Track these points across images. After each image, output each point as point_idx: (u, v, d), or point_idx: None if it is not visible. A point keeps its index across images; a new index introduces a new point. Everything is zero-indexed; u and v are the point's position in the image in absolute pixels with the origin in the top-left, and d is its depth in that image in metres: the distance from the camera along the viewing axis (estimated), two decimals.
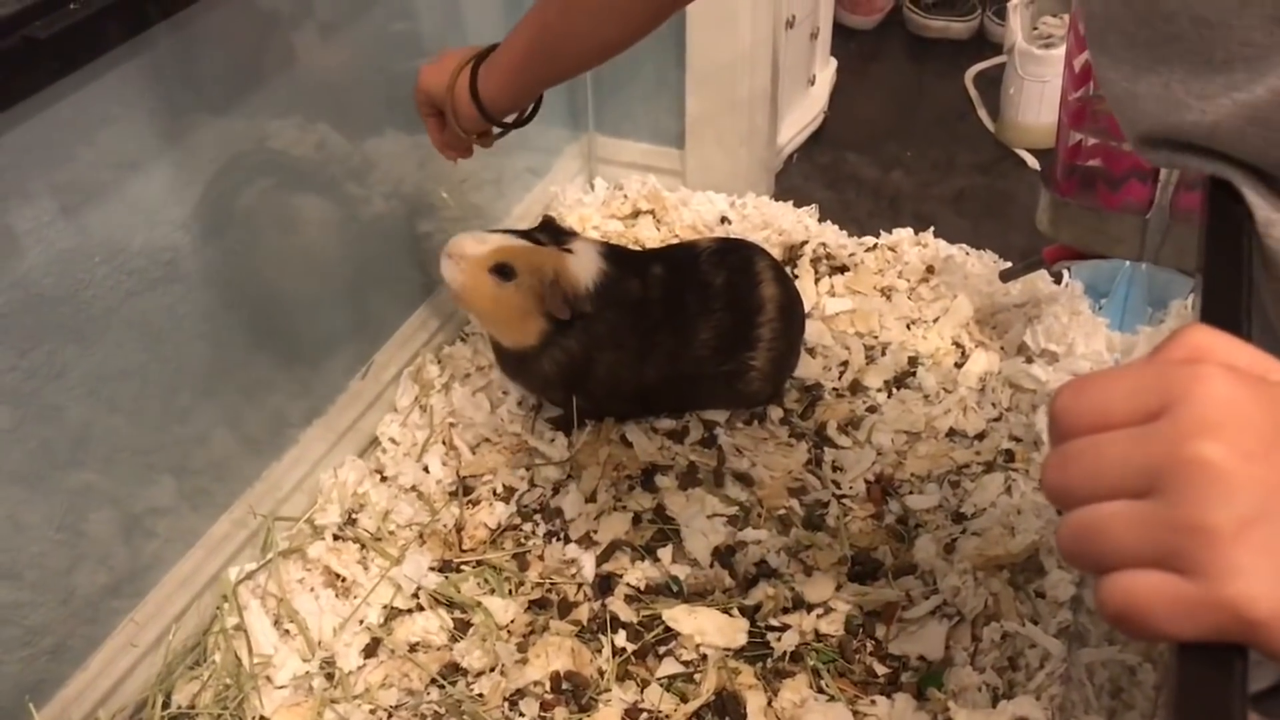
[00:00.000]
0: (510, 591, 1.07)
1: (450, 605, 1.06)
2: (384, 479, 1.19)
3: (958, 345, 1.32)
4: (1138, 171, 1.12)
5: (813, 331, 1.33)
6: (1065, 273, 1.35)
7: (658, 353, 1.17)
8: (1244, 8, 0.52)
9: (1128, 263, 1.28)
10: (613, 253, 1.17)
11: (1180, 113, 0.57)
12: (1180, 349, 0.42)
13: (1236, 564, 0.37)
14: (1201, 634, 0.38)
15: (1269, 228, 0.60)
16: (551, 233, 1.15)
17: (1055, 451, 0.42)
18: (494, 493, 1.16)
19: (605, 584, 1.07)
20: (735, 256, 1.21)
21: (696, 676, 1.00)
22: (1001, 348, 1.31)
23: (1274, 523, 0.38)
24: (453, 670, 1.01)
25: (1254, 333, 0.66)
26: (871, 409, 1.25)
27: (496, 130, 1.08)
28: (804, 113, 1.72)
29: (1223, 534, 0.38)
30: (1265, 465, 0.38)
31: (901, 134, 1.76)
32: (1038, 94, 1.67)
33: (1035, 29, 1.74)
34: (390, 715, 0.98)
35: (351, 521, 1.14)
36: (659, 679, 0.99)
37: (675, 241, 1.47)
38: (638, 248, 1.35)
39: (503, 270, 1.10)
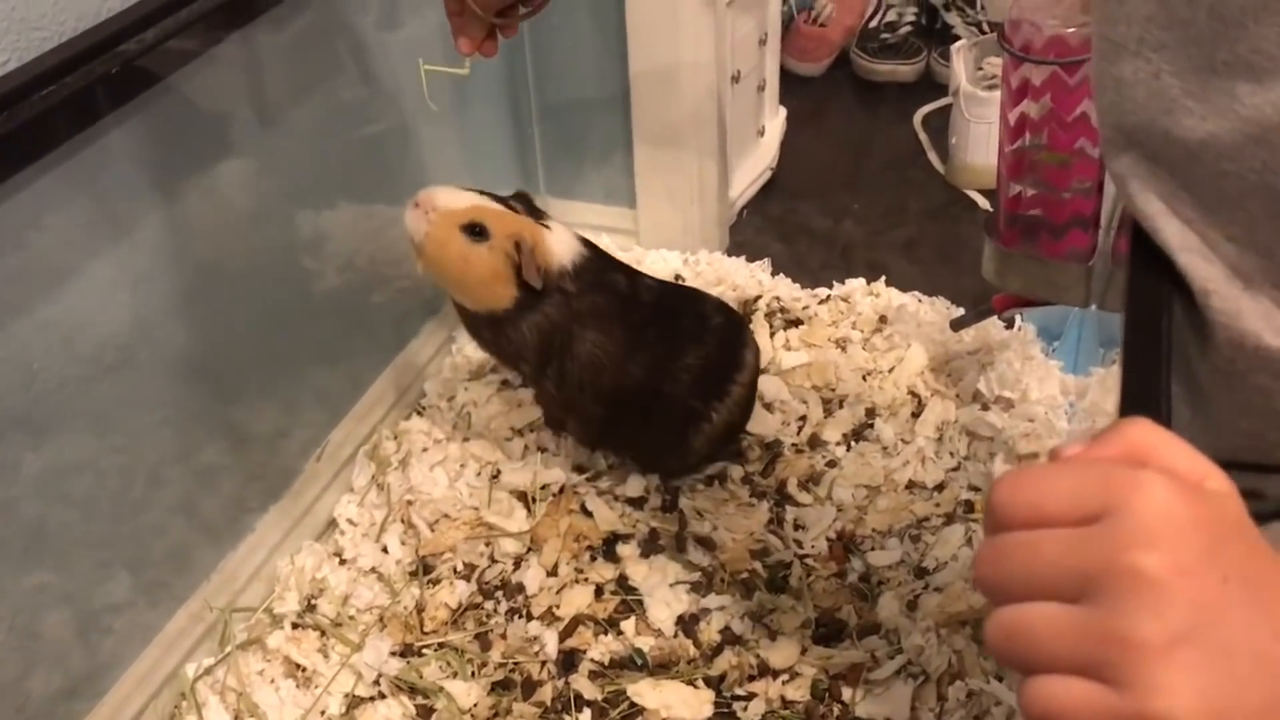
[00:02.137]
0: (473, 674, 1.06)
1: (412, 691, 1.05)
2: (342, 562, 1.18)
3: (914, 395, 1.32)
4: (1079, 220, 1.13)
5: (770, 386, 1.33)
6: (1017, 316, 1.36)
7: (645, 354, 1.15)
8: (1265, 12, 0.50)
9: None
10: (592, 245, 1.15)
11: (1175, 114, 0.55)
12: (1121, 446, 0.42)
13: (1163, 681, 0.37)
14: None
15: (1207, 297, 0.59)
16: (527, 204, 1.13)
17: (989, 543, 0.42)
18: (454, 570, 1.15)
19: (569, 661, 1.06)
20: (732, 314, 1.23)
21: None
22: (957, 395, 1.32)
23: (1203, 641, 0.38)
24: None
25: (1186, 405, 0.66)
26: (831, 463, 1.25)
27: (523, 9, 0.99)
28: (755, 164, 1.73)
29: (1152, 649, 0.37)
30: (1198, 581, 0.38)
31: (852, 181, 1.77)
32: (984, 135, 1.68)
33: (980, 70, 1.76)
34: None
35: (311, 608, 1.13)
36: None
37: None
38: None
39: (475, 229, 1.06)
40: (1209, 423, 0.65)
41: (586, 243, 1.15)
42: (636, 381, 1.15)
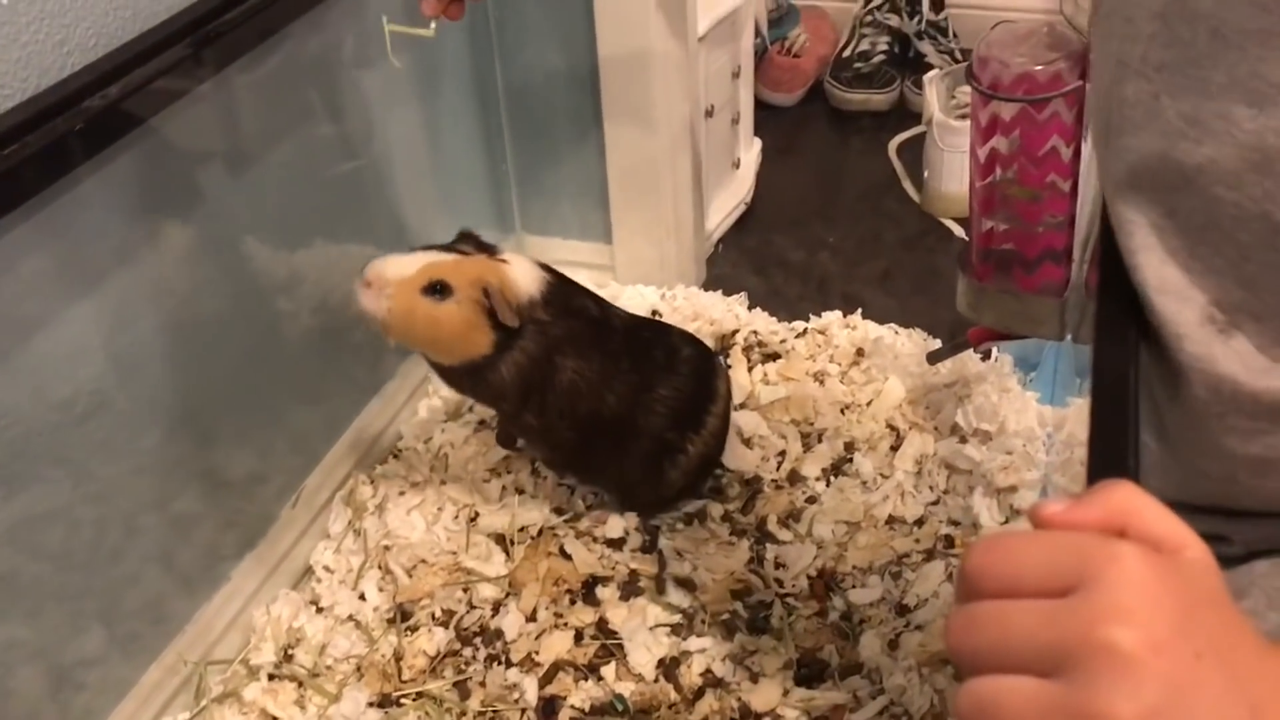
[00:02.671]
0: None
1: None
2: (319, 610, 1.17)
3: (892, 428, 1.32)
4: (1051, 254, 1.13)
5: (749, 422, 1.33)
6: (993, 349, 1.36)
7: (620, 382, 1.13)
8: (1267, 36, 0.50)
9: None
10: (554, 271, 1.14)
11: (1171, 137, 0.55)
12: (1102, 510, 0.42)
13: None
14: None
15: (1180, 341, 0.59)
16: (475, 242, 1.11)
17: (962, 611, 0.42)
18: (433, 617, 1.14)
19: (549, 708, 1.05)
20: (701, 345, 1.23)
21: None
22: (935, 428, 1.31)
23: (1176, 718, 0.37)
24: None
25: (1153, 450, 0.66)
26: (811, 499, 1.25)
27: None
28: (730, 197, 1.73)
29: None
30: (1172, 657, 0.38)
31: (828, 212, 1.77)
32: (958, 164, 1.69)
33: (953, 99, 1.77)
34: None
35: (287, 658, 1.12)
36: None
37: None
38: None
39: (436, 288, 1.05)
40: (1177, 467, 0.65)
41: (548, 269, 1.13)
42: (612, 411, 1.14)
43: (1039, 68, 1.03)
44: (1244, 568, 0.63)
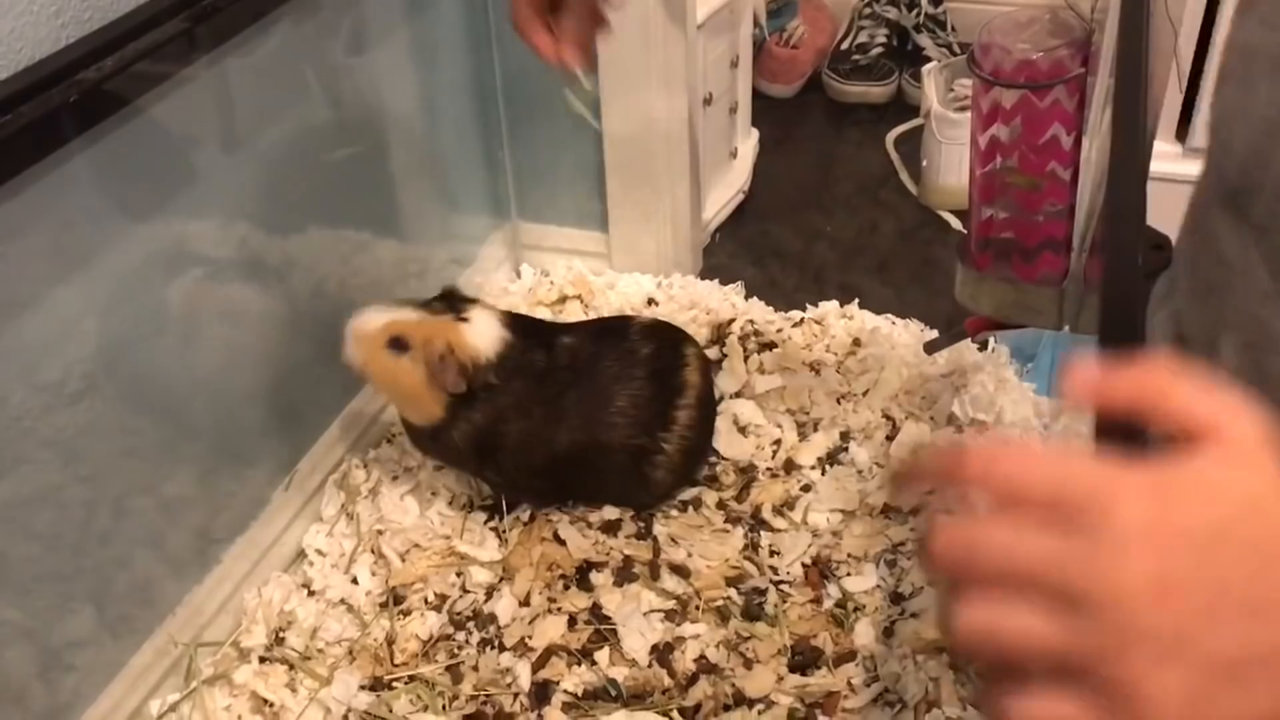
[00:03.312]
0: (444, 707, 1.04)
1: None
2: (311, 593, 1.16)
3: (888, 418, 1.32)
4: (1051, 243, 1.13)
5: (745, 411, 1.33)
6: (990, 339, 1.36)
7: (569, 418, 1.15)
8: None
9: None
10: (516, 322, 1.14)
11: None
12: (1131, 386, 0.41)
13: (1150, 694, 0.37)
14: None
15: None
16: (450, 301, 1.13)
17: (963, 527, 0.41)
18: (425, 601, 1.14)
19: (542, 692, 1.05)
20: (666, 335, 1.22)
21: None
22: (931, 418, 1.31)
23: (1192, 658, 0.37)
24: None
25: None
26: (806, 488, 1.25)
27: None
28: (727, 187, 1.72)
29: (1139, 669, 0.37)
30: (1186, 598, 0.37)
31: (825, 202, 1.77)
32: (956, 156, 1.69)
33: (951, 91, 1.77)
34: None
35: (279, 641, 1.11)
36: None
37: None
38: (549, 318, 1.32)
39: (397, 344, 1.09)
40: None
41: (511, 321, 1.14)
42: (566, 446, 1.15)
43: (1041, 55, 1.03)
44: None
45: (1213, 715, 0.37)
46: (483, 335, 1.10)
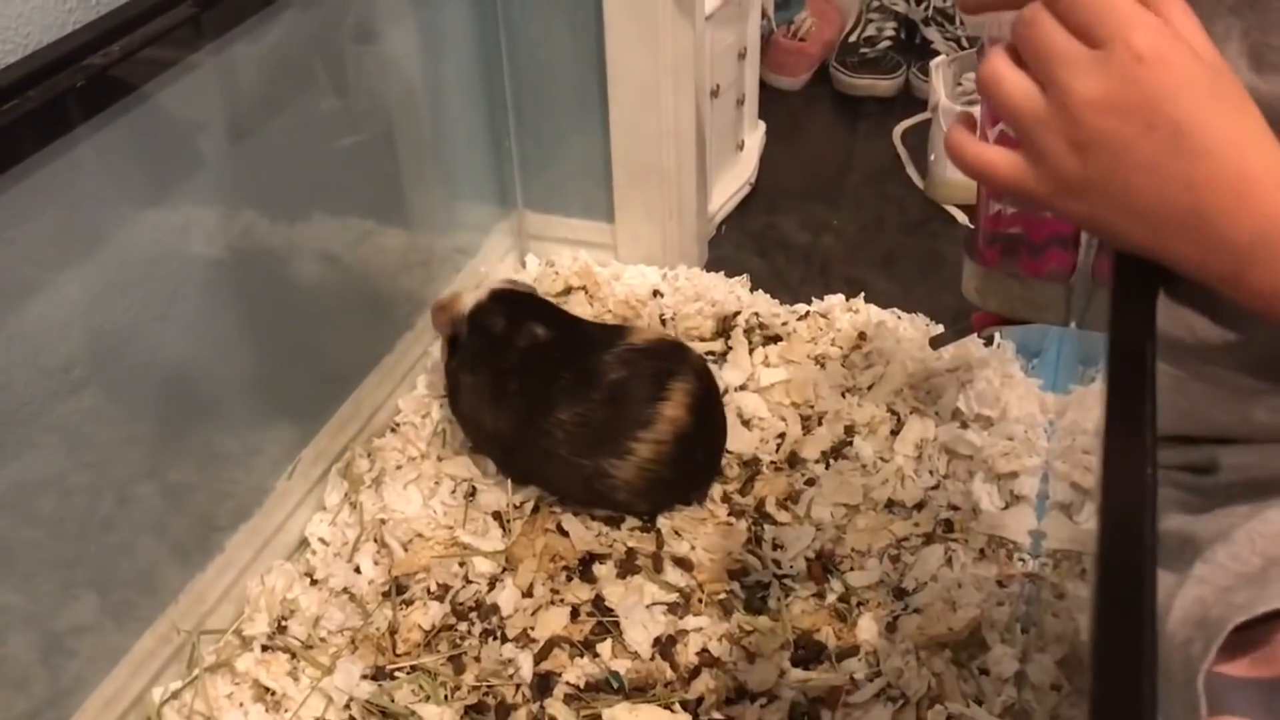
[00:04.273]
0: (446, 697, 1.04)
1: (384, 715, 1.03)
2: (314, 582, 1.16)
3: (893, 412, 1.32)
4: (1059, 238, 1.12)
5: (749, 404, 1.32)
6: (996, 334, 1.35)
7: (507, 403, 1.18)
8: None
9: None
10: (506, 294, 1.22)
11: None
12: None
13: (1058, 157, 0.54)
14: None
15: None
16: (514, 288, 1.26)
17: (1032, 10, 0.54)
18: (428, 591, 1.14)
19: (544, 684, 1.05)
20: (654, 364, 1.16)
21: None
22: (936, 413, 1.31)
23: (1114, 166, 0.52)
24: None
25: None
26: (810, 482, 1.24)
27: None
28: (734, 179, 1.72)
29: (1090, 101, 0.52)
30: (1136, 116, 0.51)
31: (831, 196, 1.76)
32: None
33: (959, 85, 1.76)
34: None
35: (281, 630, 1.11)
36: None
37: (610, 318, 1.46)
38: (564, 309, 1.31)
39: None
40: (1184, 398, 0.67)
41: (499, 290, 1.22)
42: (509, 433, 1.19)
43: None
44: (1224, 511, 0.64)
45: (1085, 183, 0.53)
46: (473, 296, 1.22)
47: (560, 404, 1.15)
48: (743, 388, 1.35)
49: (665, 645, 1.07)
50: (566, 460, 1.16)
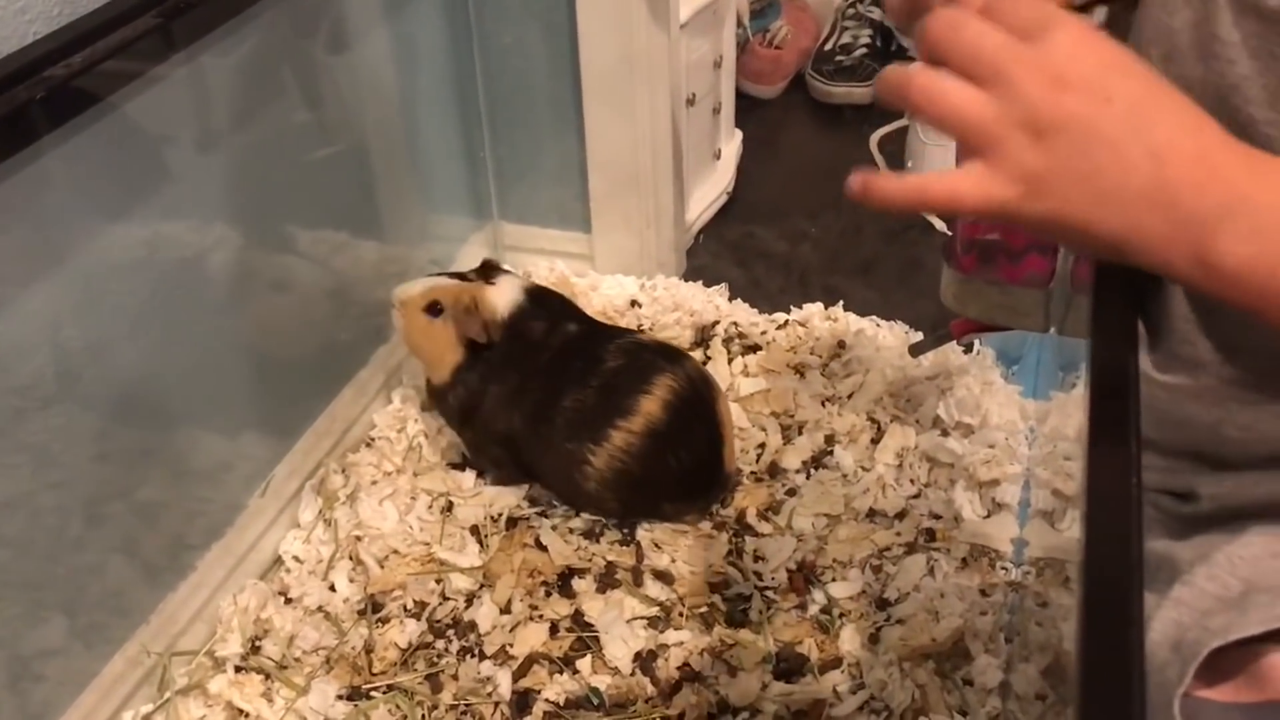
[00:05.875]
0: (423, 716, 1.02)
1: None
2: (288, 601, 1.14)
3: (873, 421, 1.31)
4: (1037, 244, 1.12)
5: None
6: (976, 341, 1.35)
7: (526, 400, 1.16)
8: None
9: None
10: (536, 291, 1.21)
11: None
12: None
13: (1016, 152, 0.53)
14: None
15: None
16: (485, 271, 1.22)
17: (949, 14, 0.54)
18: (404, 609, 1.12)
19: (523, 702, 1.03)
20: (647, 358, 1.16)
21: None
22: (917, 421, 1.30)
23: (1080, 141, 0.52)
24: None
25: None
26: (790, 492, 1.23)
27: None
28: (711, 188, 1.71)
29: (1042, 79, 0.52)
30: (1087, 93, 0.51)
31: (809, 204, 1.76)
32: (940, 157, 1.68)
33: None
34: None
35: (255, 650, 1.09)
36: None
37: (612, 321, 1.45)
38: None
39: (433, 308, 1.18)
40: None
41: (529, 288, 1.19)
42: (521, 429, 1.18)
43: None
44: (1203, 538, 0.63)
45: (1049, 174, 0.52)
46: (503, 296, 1.18)
47: (567, 392, 1.15)
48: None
49: (646, 660, 1.06)
50: (558, 448, 1.15)
